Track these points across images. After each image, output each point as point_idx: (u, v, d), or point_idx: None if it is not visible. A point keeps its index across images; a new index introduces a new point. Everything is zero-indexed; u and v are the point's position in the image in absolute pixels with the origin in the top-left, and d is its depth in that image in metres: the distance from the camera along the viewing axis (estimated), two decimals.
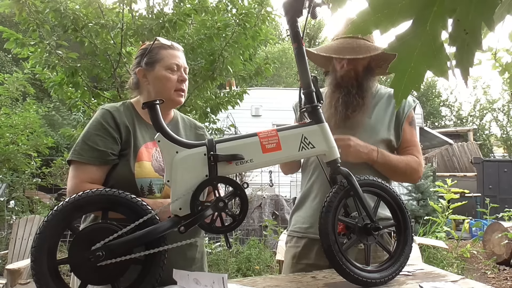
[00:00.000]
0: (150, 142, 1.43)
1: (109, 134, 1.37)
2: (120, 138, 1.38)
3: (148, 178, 1.36)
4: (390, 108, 1.70)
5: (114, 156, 1.37)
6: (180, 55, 1.49)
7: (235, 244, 5.33)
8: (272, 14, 3.93)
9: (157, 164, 1.40)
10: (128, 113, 1.45)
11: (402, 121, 1.69)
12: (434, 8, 0.52)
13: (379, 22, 0.55)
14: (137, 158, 1.37)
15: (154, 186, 1.37)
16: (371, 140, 1.62)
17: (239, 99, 4.27)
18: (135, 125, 1.43)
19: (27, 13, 3.26)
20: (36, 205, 6.75)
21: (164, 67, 1.44)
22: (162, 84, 1.44)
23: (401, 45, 0.56)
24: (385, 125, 1.67)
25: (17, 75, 5.67)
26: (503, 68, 2.21)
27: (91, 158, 1.34)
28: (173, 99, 1.46)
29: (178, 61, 1.47)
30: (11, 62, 13.58)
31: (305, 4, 1.25)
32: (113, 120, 1.40)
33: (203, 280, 1.18)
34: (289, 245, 1.74)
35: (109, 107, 1.45)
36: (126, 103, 1.51)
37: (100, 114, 1.42)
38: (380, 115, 1.68)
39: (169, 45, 1.48)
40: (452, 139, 13.62)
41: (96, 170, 1.35)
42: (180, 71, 1.47)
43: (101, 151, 1.34)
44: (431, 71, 0.58)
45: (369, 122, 1.65)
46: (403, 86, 0.58)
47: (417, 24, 0.54)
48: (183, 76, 1.47)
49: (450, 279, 1.36)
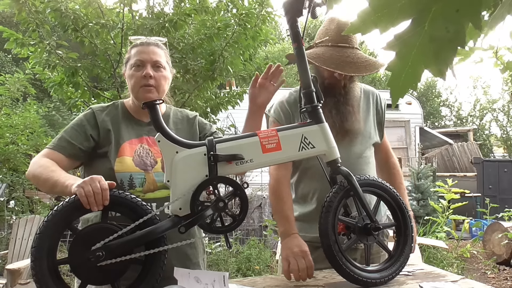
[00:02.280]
0: (135, 139, 1.44)
1: (84, 130, 1.41)
2: (97, 136, 1.41)
3: (128, 173, 1.37)
4: (370, 105, 1.69)
5: (82, 153, 1.40)
6: (148, 50, 1.45)
7: (235, 244, 5.33)
8: (272, 14, 3.93)
9: (139, 159, 1.40)
10: (115, 112, 1.48)
11: (383, 117, 1.72)
12: (433, 8, 0.52)
13: (379, 22, 0.55)
14: (118, 154, 1.39)
15: (135, 180, 1.37)
16: (365, 146, 1.64)
17: (239, 99, 4.27)
18: (120, 123, 1.45)
19: (27, 13, 3.26)
20: (36, 205, 6.75)
21: (130, 65, 1.45)
22: (130, 82, 1.46)
23: (399, 44, 0.56)
24: (372, 126, 1.68)
25: (18, 76, 5.67)
26: (505, 67, 2.21)
27: (59, 147, 1.39)
28: (140, 96, 1.43)
29: (142, 57, 1.43)
30: (11, 62, 13.58)
31: (305, 4, 1.25)
32: (94, 119, 1.44)
33: (203, 279, 1.18)
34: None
35: (95, 106, 1.49)
36: (116, 102, 1.53)
37: (84, 112, 1.48)
38: (365, 116, 1.66)
39: (139, 43, 1.48)
40: (452, 139, 13.62)
41: (63, 159, 1.38)
42: (145, 67, 1.42)
43: (70, 143, 1.39)
44: (428, 70, 0.58)
45: (364, 129, 1.64)
46: (400, 85, 0.58)
47: (416, 24, 0.54)
48: (146, 72, 1.41)
49: (450, 279, 1.36)
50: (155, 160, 1.42)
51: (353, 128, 1.58)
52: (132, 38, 1.51)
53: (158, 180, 1.39)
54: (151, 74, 1.42)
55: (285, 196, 1.53)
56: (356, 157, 1.60)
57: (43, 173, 1.29)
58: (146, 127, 1.47)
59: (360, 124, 1.60)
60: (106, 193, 1.11)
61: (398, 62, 0.57)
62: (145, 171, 1.39)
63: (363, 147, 1.62)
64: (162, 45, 1.51)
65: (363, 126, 1.63)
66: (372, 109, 1.69)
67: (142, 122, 1.48)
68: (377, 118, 1.70)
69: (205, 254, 1.57)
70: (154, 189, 1.39)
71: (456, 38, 0.52)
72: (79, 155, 1.40)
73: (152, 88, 1.43)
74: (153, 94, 1.44)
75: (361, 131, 1.61)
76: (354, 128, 1.59)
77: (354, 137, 1.60)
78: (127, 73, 1.48)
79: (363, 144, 1.63)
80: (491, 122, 21.77)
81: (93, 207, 1.10)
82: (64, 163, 1.37)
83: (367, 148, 1.64)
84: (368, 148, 1.64)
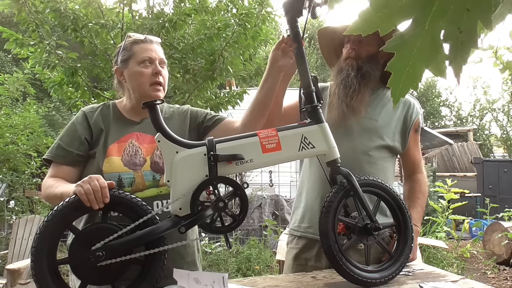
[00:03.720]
0: (125, 136, 1.43)
1: (77, 135, 1.41)
2: (90, 138, 1.41)
3: (117, 173, 1.36)
4: (398, 112, 1.65)
5: (81, 158, 1.40)
6: (153, 48, 1.44)
7: (235, 244, 5.33)
8: (272, 14, 3.93)
9: (128, 158, 1.39)
10: (107, 113, 1.47)
11: (410, 128, 1.65)
12: (434, 8, 0.52)
13: (380, 22, 0.55)
14: (106, 154, 1.38)
15: (124, 180, 1.37)
16: (374, 144, 1.58)
17: (239, 99, 4.27)
18: (110, 123, 1.44)
19: (27, 13, 3.25)
20: (36, 205, 6.74)
21: (137, 62, 1.41)
22: (136, 79, 1.41)
23: (400, 44, 0.56)
24: (391, 130, 1.63)
25: (18, 75, 5.66)
26: (504, 66, 2.21)
27: (58, 157, 1.40)
28: (149, 94, 1.41)
29: (151, 54, 1.42)
30: (11, 62, 13.58)
31: (305, 4, 1.25)
32: (86, 121, 1.43)
33: (203, 280, 1.18)
34: (290, 246, 1.74)
35: (86, 108, 1.49)
36: (108, 103, 1.52)
37: (76, 116, 1.48)
38: (387, 118, 1.63)
39: (142, 39, 1.44)
40: (452, 139, 13.61)
41: (66, 170, 1.39)
42: (154, 64, 1.41)
43: (68, 151, 1.39)
44: (429, 70, 0.58)
45: (375, 125, 1.60)
46: (401, 84, 0.58)
47: (416, 23, 0.54)
48: (157, 69, 1.41)
49: (450, 279, 1.36)
50: (144, 158, 1.41)
51: (356, 107, 1.55)
52: (132, 35, 1.47)
53: (147, 179, 1.38)
54: (162, 72, 1.43)
55: None
56: (360, 152, 1.57)
57: (51, 193, 1.31)
58: (137, 126, 1.46)
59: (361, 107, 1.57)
60: (105, 190, 1.11)
61: (399, 62, 0.57)
62: (134, 171, 1.38)
63: (371, 144, 1.58)
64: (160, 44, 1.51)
65: (377, 123, 1.60)
66: (399, 114, 1.65)
67: (134, 122, 1.47)
68: (403, 125, 1.65)
69: (199, 253, 1.55)
70: (143, 188, 1.38)
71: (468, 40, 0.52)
72: (78, 161, 1.40)
73: (161, 86, 1.44)
74: (161, 92, 1.44)
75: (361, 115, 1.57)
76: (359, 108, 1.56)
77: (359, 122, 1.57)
78: (132, 70, 1.42)
79: (373, 140, 1.58)
80: (491, 122, 21.77)
81: (94, 205, 1.10)
82: (70, 174, 1.38)
83: (377, 148, 1.59)
84: (378, 149, 1.59)
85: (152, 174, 1.40)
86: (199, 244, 1.57)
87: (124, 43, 1.45)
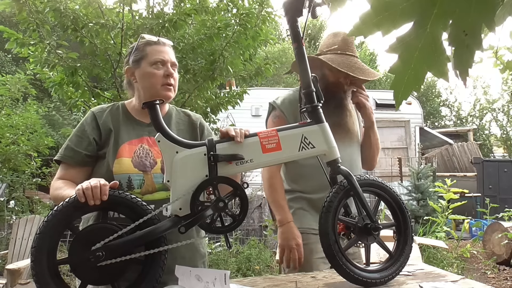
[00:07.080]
0: (136, 139, 1.43)
1: (86, 135, 1.42)
2: (99, 139, 1.42)
3: (127, 174, 1.37)
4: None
5: (89, 158, 1.41)
6: (166, 50, 1.47)
7: (235, 244, 5.33)
8: (272, 15, 3.93)
9: (138, 160, 1.40)
10: (116, 113, 1.48)
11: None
12: (435, 10, 0.52)
13: (381, 24, 0.55)
14: (117, 155, 1.39)
15: (134, 182, 1.37)
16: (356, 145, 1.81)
17: (239, 99, 4.27)
18: (120, 124, 1.45)
19: (27, 12, 3.25)
20: (36, 205, 6.74)
21: (149, 63, 1.43)
22: (148, 80, 1.43)
23: (402, 46, 0.56)
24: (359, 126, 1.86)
25: (19, 76, 5.66)
26: (504, 66, 2.21)
27: (66, 157, 1.41)
28: (160, 94, 1.43)
29: (163, 56, 1.44)
30: (11, 62, 13.57)
31: (305, 4, 1.25)
32: (95, 121, 1.44)
33: (205, 277, 1.18)
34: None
35: (95, 109, 1.50)
36: (117, 104, 1.53)
37: (85, 116, 1.49)
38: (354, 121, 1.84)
39: (155, 41, 1.46)
40: (452, 139, 13.60)
41: (74, 171, 1.41)
42: (166, 66, 1.44)
43: (76, 151, 1.40)
44: (431, 72, 0.58)
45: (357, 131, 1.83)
46: (403, 87, 0.58)
47: (418, 26, 0.54)
48: (169, 71, 1.44)
49: (450, 279, 1.36)
50: (154, 161, 1.41)
51: (352, 128, 1.77)
52: (146, 36, 1.49)
53: (156, 181, 1.39)
54: (173, 74, 1.45)
55: (278, 187, 1.70)
56: (356, 156, 1.80)
57: (59, 195, 1.33)
58: (147, 128, 1.46)
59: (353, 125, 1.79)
60: (105, 188, 1.11)
61: (401, 65, 0.57)
62: (144, 172, 1.38)
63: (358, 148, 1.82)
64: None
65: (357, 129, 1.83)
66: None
67: (143, 123, 1.47)
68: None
69: (206, 257, 1.56)
70: (152, 190, 1.38)
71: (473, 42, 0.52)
72: (86, 161, 1.41)
73: (172, 87, 1.46)
74: (172, 92, 1.46)
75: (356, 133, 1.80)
76: (354, 129, 1.78)
77: (354, 136, 1.78)
78: (144, 70, 1.44)
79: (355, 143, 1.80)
80: (491, 122, 21.75)
81: (89, 200, 1.09)
82: (79, 174, 1.39)
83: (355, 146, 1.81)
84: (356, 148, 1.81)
85: (162, 176, 1.39)
86: (205, 248, 1.58)
87: (137, 44, 1.46)
